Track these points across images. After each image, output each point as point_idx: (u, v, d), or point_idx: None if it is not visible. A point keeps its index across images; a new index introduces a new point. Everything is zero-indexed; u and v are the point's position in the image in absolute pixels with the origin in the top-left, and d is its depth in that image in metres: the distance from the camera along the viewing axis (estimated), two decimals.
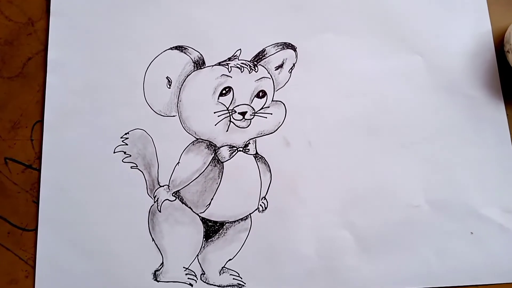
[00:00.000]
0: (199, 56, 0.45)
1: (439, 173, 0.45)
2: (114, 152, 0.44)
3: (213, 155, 0.43)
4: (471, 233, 0.44)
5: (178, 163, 0.44)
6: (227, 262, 0.43)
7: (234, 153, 0.44)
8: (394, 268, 0.43)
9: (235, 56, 0.45)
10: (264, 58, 0.45)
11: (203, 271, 0.43)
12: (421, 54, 0.46)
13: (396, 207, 0.44)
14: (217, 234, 0.43)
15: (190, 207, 0.43)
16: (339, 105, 0.45)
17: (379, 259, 0.43)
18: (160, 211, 0.43)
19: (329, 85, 0.45)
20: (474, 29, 0.47)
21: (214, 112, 0.44)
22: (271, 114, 0.44)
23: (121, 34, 0.45)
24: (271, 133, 0.44)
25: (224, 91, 0.44)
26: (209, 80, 0.44)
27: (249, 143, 0.44)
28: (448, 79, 0.46)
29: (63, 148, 0.44)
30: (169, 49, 0.45)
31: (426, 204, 0.44)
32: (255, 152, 0.44)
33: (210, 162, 0.43)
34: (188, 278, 0.43)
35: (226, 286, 0.43)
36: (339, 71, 0.46)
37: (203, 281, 0.43)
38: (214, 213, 0.43)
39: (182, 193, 0.43)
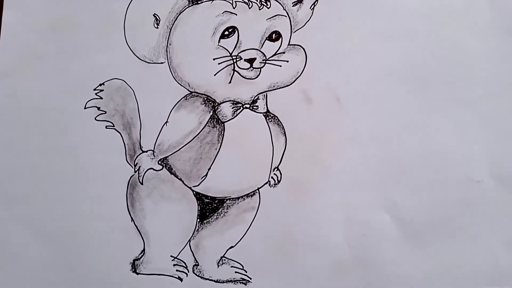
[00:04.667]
0: None
1: (507, 139, 0.41)
2: (85, 108, 0.40)
3: (211, 113, 0.40)
4: None
5: (166, 123, 0.40)
6: (227, 250, 0.40)
7: (238, 111, 0.40)
8: (449, 263, 0.40)
9: None
10: None
11: (197, 262, 0.40)
12: None
13: (451, 183, 0.40)
14: (215, 214, 0.40)
15: (180, 179, 0.40)
16: (376, 50, 0.41)
17: (428, 251, 0.40)
18: (142, 183, 0.40)
19: (362, 24, 0.41)
20: None
21: (214, 59, 0.39)
22: (287, 61, 0.40)
23: None
24: (287, 85, 0.41)
25: (226, 32, 0.39)
26: (207, 18, 0.39)
27: (258, 99, 0.40)
28: None
29: (21, 102, 0.40)
30: None
31: (491, 179, 0.40)
32: (265, 110, 0.40)
33: (207, 122, 0.40)
34: (177, 271, 0.40)
35: (226, 281, 0.40)
36: (376, 7, 0.41)
37: (196, 274, 0.40)
38: (212, 187, 0.40)
39: (171, 160, 0.40)
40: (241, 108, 0.40)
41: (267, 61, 0.40)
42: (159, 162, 0.40)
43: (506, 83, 0.41)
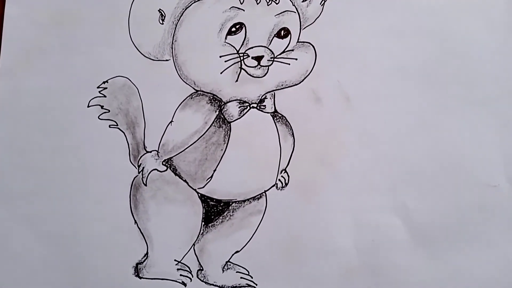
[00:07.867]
0: None
1: None
2: (88, 106, 0.40)
3: (217, 112, 0.39)
4: None
5: (171, 122, 0.40)
6: (233, 255, 0.40)
7: (245, 111, 0.40)
8: (462, 269, 0.39)
9: None
10: None
11: (201, 266, 0.40)
12: None
13: (466, 187, 0.39)
14: (221, 217, 0.40)
15: (185, 181, 0.39)
16: (388, 47, 0.40)
17: (441, 257, 0.39)
18: (145, 185, 0.39)
19: (374, 21, 0.41)
20: None
21: (220, 56, 0.39)
22: (296, 59, 0.40)
23: None
24: (296, 84, 0.40)
25: (233, 29, 0.39)
26: (214, 13, 0.39)
27: (265, 98, 0.40)
28: None
29: (22, 99, 0.40)
30: None
31: (508, 183, 0.39)
32: (273, 110, 0.40)
33: (213, 122, 0.39)
34: (181, 275, 0.40)
35: (231, 287, 0.40)
36: (388, 3, 0.41)
37: (200, 279, 0.40)
38: (217, 189, 0.40)
39: (175, 161, 0.40)
40: (248, 107, 0.39)
41: (275, 59, 0.39)
42: (164, 163, 0.39)
43: None
